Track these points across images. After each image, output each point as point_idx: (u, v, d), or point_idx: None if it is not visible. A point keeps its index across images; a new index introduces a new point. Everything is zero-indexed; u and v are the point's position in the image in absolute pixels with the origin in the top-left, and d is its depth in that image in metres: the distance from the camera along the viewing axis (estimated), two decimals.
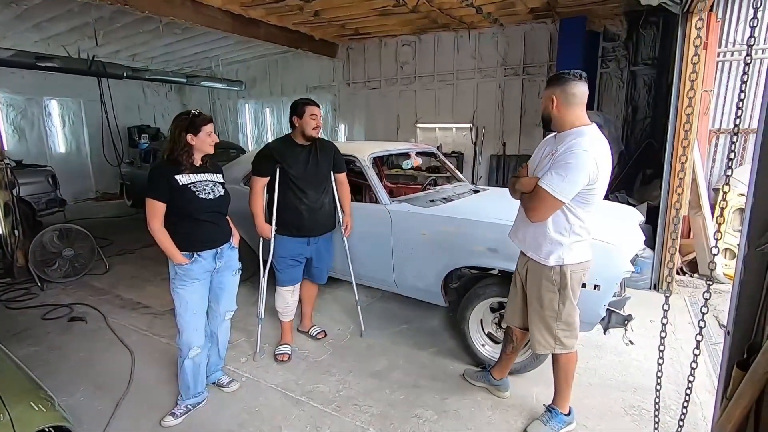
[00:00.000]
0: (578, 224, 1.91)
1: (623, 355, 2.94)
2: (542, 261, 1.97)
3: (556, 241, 1.92)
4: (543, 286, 2.00)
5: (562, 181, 1.78)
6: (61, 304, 3.84)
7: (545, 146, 2.03)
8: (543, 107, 1.96)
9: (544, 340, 2.07)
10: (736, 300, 1.19)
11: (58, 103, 9.54)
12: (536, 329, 2.08)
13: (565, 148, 1.81)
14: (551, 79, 1.95)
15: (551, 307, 2.01)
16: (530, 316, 2.10)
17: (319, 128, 2.71)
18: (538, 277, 2.01)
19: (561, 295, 1.99)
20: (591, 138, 1.82)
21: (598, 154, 1.80)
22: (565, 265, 1.95)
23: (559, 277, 1.96)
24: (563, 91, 1.86)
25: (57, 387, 2.63)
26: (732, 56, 4.62)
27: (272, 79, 9.93)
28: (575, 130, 1.87)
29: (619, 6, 5.75)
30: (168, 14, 5.37)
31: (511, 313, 2.26)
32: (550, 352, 2.11)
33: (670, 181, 3.88)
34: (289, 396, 2.54)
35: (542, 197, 1.82)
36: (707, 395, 2.51)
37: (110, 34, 6.91)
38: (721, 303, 3.72)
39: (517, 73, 7.01)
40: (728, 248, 4.32)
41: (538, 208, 1.86)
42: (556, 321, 2.03)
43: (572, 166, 1.76)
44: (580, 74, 1.87)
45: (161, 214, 2.14)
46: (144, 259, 5.24)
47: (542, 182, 1.83)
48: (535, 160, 2.05)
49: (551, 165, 1.84)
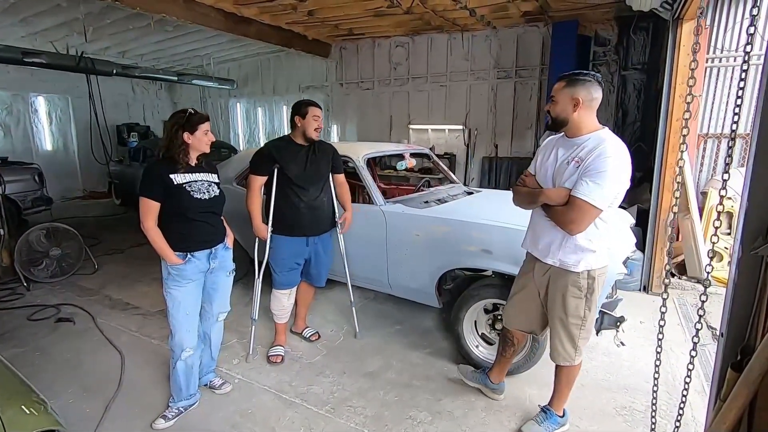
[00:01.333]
0: (604, 228, 1.88)
1: (614, 356, 2.98)
2: (570, 268, 1.91)
3: (587, 249, 1.87)
4: (569, 293, 1.94)
5: (600, 190, 1.72)
6: (48, 304, 3.77)
7: (553, 150, 1.96)
8: (560, 108, 1.86)
9: (565, 352, 2.03)
10: (730, 303, 1.21)
11: (45, 99, 9.37)
12: (557, 339, 2.03)
13: (595, 156, 1.75)
14: (572, 79, 1.84)
15: (576, 314, 1.96)
16: (552, 324, 2.05)
17: (320, 130, 2.70)
18: (563, 284, 1.95)
19: (588, 300, 1.95)
20: (615, 142, 1.79)
21: (626, 158, 1.78)
22: (593, 270, 1.91)
23: (587, 282, 1.92)
24: (588, 93, 1.81)
25: (43, 389, 2.54)
26: (720, 62, 4.71)
27: (264, 78, 9.87)
28: (594, 134, 1.83)
29: (610, 11, 5.82)
30: (159, 11, 5.30)
31: (515, 317, 2.22)
32: (569, 364, 2.07)
33: (660, 184, 3.94)
34: (283, 398, 2.52)
35: (582, 209, 1.75)
36: (696, 396, 2.55)
37: (100, 30, 6.80)
38: (710, 305, 3.76)
39: (509, 75, 7.06)
40: (716, 251, 4.39)
41: (579, 221, 1.78)
42: (580, 329, 1.99)
43: (607, 174, 1.72)
44: (599, 78, 1.85)
45: (155, 213, 2.11)
46: (134, 258, 5.17)
47: (580, 193, 1.75)
48: (544, 165, 1.98)
49: (583, 173, 1.77)
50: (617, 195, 1.82)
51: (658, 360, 1.70)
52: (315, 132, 2.67)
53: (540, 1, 5.52)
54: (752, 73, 4.66)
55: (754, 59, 4.58)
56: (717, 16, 4.64)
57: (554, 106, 1.90)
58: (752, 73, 4.65)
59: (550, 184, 1.95)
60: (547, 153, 2.01)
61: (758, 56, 4.54)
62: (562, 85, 1.87)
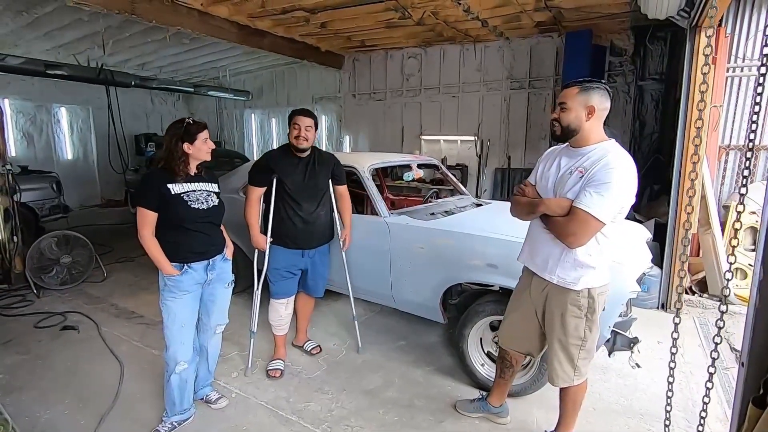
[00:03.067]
0: (605, 243, 1.78)
1: (629, 378, 2.82)
2: (569, 286, 1.81)
3: (587, 265, 1.77)
4: (568, 312, 1.84)
5: (604, 201, 1.64)
6: (55, 312, 3.79)
7: (555, 159, 1.88)
8: (573, 116, 1.76)
9: (564, 373, 1.92)
10: (751, 330, 1.10)
11: (67, 110, 9.64)
12: (556, 360, 1.92)
13: (600, 167, 1.67)
14: (585, 86, 1.75)
15: (576, 335, 1.86)
16: (551, 345, 1.94)
17: (301, 138, 2.59)
18: (562, 302, 1.85)
19: (588, 320, 1.84)
20: (621, 153, 1.71)
21: (632, 171, 1.68)
22: (593, 288, 1.81)
23: (587, 301, 1.82)
24: (601, 102, 1.74)
25: (40, 398, 2.57)
26: (741, 72, 4.54)
27: (278, 89, 9.99)
28: (599, 145, 1.75)
29: (625, 21, 5.71)
30: (175, 24, 5.41)
31: (511, 337, 2.12)
32: (569, 385, 1.96)
33: (679, 197, 3.78)
34: (279, 414, 2.44)
35: (583, 221, 1.66)
36: (718, 424, 2.38)
37: (119, 43, 6.97)
38: (732, 325, 3.57)
39: (522, 86, 6.97)
40: (740, 268, 4.18)
41: (580, 233, 1.69)
42: (580, 349, 1.88)
43: (612, 185, 1.64)
44: (608, 88, 1.77)
45: (152, 223, 2.08)
46: (143, 267, 5.19)
47: (582, 204, 1.66)
48: (546, 175, 1.89)
49: (586, 184, 1.68)
50: (621, 209, 1.72)
51: (669, 391, 1.57)
52: (296, 140, 2.60)
53: (554, 12, 5.45)
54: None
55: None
56: (738, 24, 4.49)
57: (566, 114, 1.77)
58: None
59: (551, 194, 1.85)
60: (549, 162, 1.92)
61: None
62: (575, 92, 1.76)
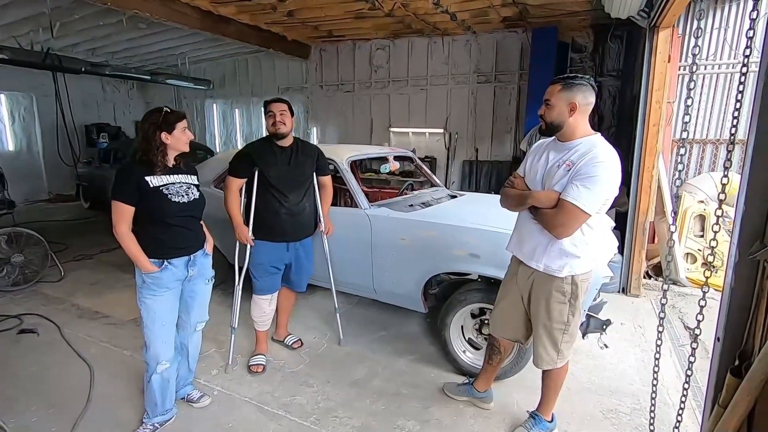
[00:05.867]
0: (590, 234, 1.87)
1: (598, 359, 3.00)
2: (554, 273, 1.90)
3: (571, 254, 1.86)
4: (553, 298, 1.93)
5: (590, 194, 1.71)
6: (10, 314, 3.53)
7: (544, 153, 1.95)
8: (556, 113, 1.82)
9: (548, 356, 2.01)
10: (727, 307, 1.21)
11: (7, 97, 8.89)
12: (540, 344, 2.01)
13: (586, 160, 1.74)
14: (568, 83, 1.81)
15: (560, 320, 1.95)
16: (536, 329, 2.03)
17: (278, 123, 2.54)
18: (547, 289, 1.94)
19: (572, 305, 1.94)
20: (607, 147, 1.79)
21: (617, 164, 1.77)
22: (576, 275, 1.90)
23: (570, 287, 1.91)
24: (584, 98, 1.80)
25: (4, 407, 2.40)
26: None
27: (242, 78, 9.67)
28: (586, 139, 1.82)
29: (586, 19, 5.95)
30: (132, 7, 5.09)
31: (501, 325, 2.19)
32: (552, 367, 2.05)
33: (638, 188, 4.03)
34: (265, 410, 2.42)
35: (571, 212, 1.74)
36: (678, 396, 2.58)
37: (68, 26, 6.47)
38: (685, 305, 3.88)
39: (489, 80, 7.12)
40: (689, 252, 4.52)
41: (567, 224, 1.77)
42: (563, 333, 1.97)
43: (598, 178, 1.71)
44: (593, 82, 1.83)
45: (129, 217, 1.99)
46: (104, 264, 4.93)
47: (569, 197, 1.74)
48: (534, 168, 1.96)
49: (573, 177, 1.75)
50: (606, 201, 1.81)
51: (656, 366, 1.70)
52: (273, 127, 2.56)
53: (520, 7, 5.59)
54: (716, 80, 4.85)
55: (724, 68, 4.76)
56: (689, 25, 4.80)
57: (550, 111, 1.86)
58: (720, 79, 4.84)
59: (539, 186, 1.93)
60: (537, 156, 1.99)
61: (723, 64, 4.72)
62: (558, 89, 1.83)
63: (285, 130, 2.58)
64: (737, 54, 4.72)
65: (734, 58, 4.75)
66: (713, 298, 1.52)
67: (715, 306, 1.29)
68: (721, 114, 4.90)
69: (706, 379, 1.34)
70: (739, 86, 1.20)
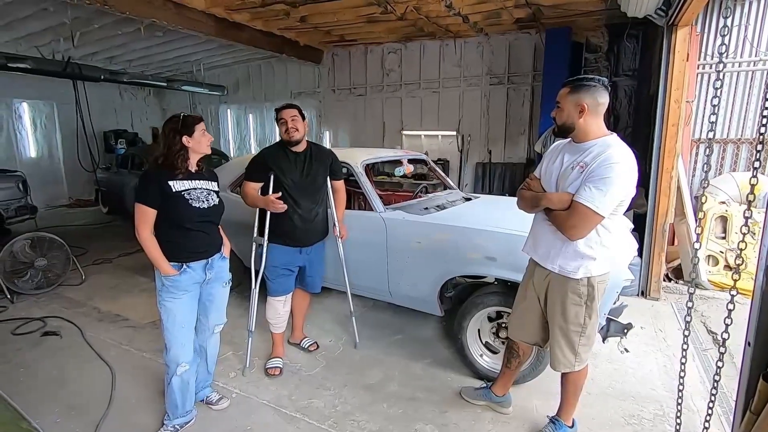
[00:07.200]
0: (606, 236, 1.85)
1: (618, 363, 2.94)
2: (569, 275, 1.88)
3: (587, 256, 1.84)
4: (569, 299, 1.91)
5: (603, 196, 1.70)
6: (34, 317, 3.61)
7: (559, 155, 1.94)
8: (565, 115, 1.83)
9: (565, 359, 1.99)
10: (758, 311, 1.18)
11: (30, 106, 9.14)
12: (557, 347, 1.99)
13: (599, 162, 1.73)
14: (577, 85, 1.81)
15: (576, 322, 1.93)
16: (552, 332, 2.01)
17: (291, 130, 2.56)
18: (563, 290, 1.92)
19: (588, 308, 1.91)
20: (622, 148, 1.77)
21: (632, 165, 1.75)
22: (592, 277, 1.88)
23: (586, 289, 1.89)
24: (594, 99, 1.79)
25: (27, 409, 2.44)
26: (711, 68, 4.76)
27: (255, 84, 9.79)
28: (600, 140, 1.81)
29: (600, 18, 5.89)
30: (149, 16, 5.21)
31: (519, 328, 2.18)
32: (570, 371, 2.03)
33: (657, 189, 3.95)
34: (283, 413, 2.43)
35: (584, 214, 1.73)
36: (702, 402, 2.52)
37: (87, 35, 6.65)
38: (708, 309, 3.79)
39: (501, 82, 7.09)
40: (711, 255, 4.42)
41: (580, 226, 1.76)
42: (580, 335, 1.95)
43: (611, 180, 1.69)
44: (605, 82, 1.82)
45: (151, 221, 2.02)
46: (123, 268, 5.02)
47: (582, 198, 1.73)
48: (550, 170, 1.95)
49: (586, 179, 1.74)
50: (621, 202, 1.79)
51: (682, 371, 1.65)
52: (286, 134, 2.58)
53: (533, 8, 5.56)
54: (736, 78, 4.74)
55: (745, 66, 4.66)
56: (708, 23, 4.71)
57: (560, 113, 1.87)
58: (741, 77, 4.74)
59: (554, 188, 1.92)
60: (553, 157, 1.98)
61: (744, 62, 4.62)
62: (567, 92, 1.84)
63: (298, 137, 2.60)
64: (758, 51, 4.61)
65: (755, 56, 4.64)
66: (738, 302, 1.48)
67: (740, 309, 1.26)
68: (742, 113, 4.78)
69: (731, 384, 1.31)
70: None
